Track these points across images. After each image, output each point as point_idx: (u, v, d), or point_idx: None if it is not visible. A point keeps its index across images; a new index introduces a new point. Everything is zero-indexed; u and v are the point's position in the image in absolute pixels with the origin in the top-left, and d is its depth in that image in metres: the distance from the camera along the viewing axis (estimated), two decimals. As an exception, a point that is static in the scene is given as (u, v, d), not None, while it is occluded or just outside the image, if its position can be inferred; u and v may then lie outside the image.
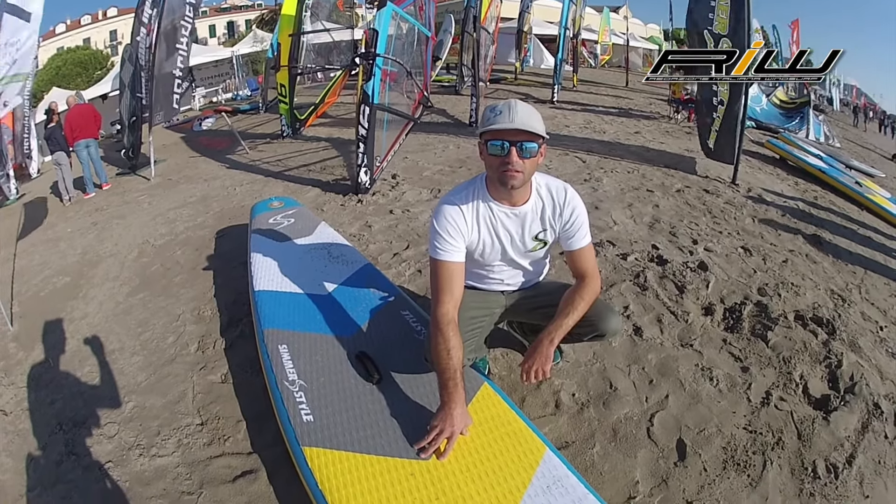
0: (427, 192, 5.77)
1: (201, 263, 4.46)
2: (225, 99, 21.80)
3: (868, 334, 3.26)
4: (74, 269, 4.95)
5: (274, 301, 2.87)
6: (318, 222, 4.12)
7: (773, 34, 21.94)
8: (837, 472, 2.15)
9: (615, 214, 5.04)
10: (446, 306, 1.99)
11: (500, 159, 1.92)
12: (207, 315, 3.58)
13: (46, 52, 36.44)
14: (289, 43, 9.80)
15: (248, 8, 47.53)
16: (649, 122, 11.87)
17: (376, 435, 1.93)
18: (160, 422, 2.59)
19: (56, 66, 35.42)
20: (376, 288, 3.02)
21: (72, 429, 2.63)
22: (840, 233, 5.41)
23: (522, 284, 2.38)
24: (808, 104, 14.01)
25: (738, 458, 2.20)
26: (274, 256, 3.38)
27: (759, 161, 8.52)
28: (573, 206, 2.11)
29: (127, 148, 9.74)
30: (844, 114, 27.99)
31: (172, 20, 8.99)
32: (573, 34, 16.71)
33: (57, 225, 7.07)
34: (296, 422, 2.00)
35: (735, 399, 2.55)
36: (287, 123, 10.16)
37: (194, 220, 5.70)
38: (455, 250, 2.05)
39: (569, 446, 2.26)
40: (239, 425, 2.51)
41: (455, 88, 14.70)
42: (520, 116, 1.88)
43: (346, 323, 2.68)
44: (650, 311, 3.31)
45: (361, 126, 5.54)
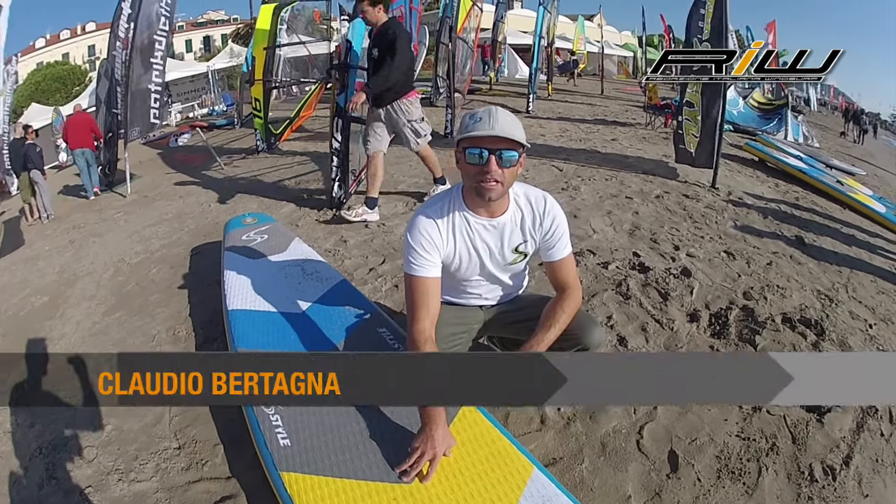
0: (402, 205, 5.70)
1: (176, 282, 4.36)
2: (201, 114, 21.63)
3: (857, 333, 3.25)
4: (52, 289, 4.86)
5: (247, 321, 2.79)
6: (293, 238, 4.03)
7: (747, 36, 22.38)
8: (835, 473, 2.11)
9: (594, 222, 5.00)
10: (422, 324, 1.91)
11: (479, 168, 1.83)
12: (182, 335, 3.48)
13: (26, 68, 36.31)
14: (263, 56, 9.76)
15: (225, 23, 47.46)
16: (626, 128, 11.92)
17: (356, 458, 1.85)
18: (138, 445, 2.50)
19: (35, 81, 35.22)
20: (352, 305, 2.94)
21: (51, 452, 2.54)
22: (824, 232, 5.42)
23: (501, 298, 2.30)
24: (786, 105, 14.18)
25: (733, 467, 2.15)
26: (247, 274, 3.29)
27: (738, 164, 8.56)
28: (553, 216, 2.04)
29: (103, 164, 9.62)
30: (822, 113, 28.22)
31: (148, 34, 8.89)
32: (548, 43, 16.79)
33: (36, 243, 7.02)
34: (273, 446, 1.91)
35: (726, 406, 2.48)
36: (262, 138, 10.07)
37: (170, 237, 5.60)
38: (430, 265, 1.97)
39: (556, 463, 2.18)
40: (216, 449, 2.41)
41: (430, 100, 14.68)
42: (500, 124, 1.80)
43: (321, 342, 2.60)
44: (634, 319, 3.25)
45: (335, 139, 5.44)
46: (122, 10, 9.51)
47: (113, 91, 9.81)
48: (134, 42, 8.71)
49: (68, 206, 9.10)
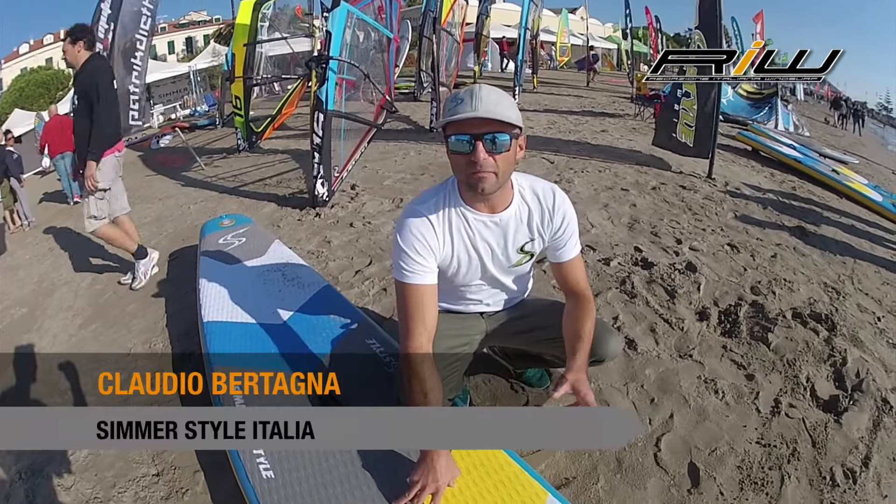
0: (389, 203, 5.55)
1: (153, 290, 4.17)
2: (183, 115, 21.35)
3: (867, 326, 3.14)
4: (31, 300, 4.68)
5: (224, 334, 2.58)
6: (272, 240, 3.83)
7: (733, 27, 22.46)
8: (855, 476, 2.03)
9: (591, 216, 4.85)
10: (419, 339, 1.66)
11: (466, 158, 1.57)
12: (159, 348, 3.29)
13: (11, 73, 35.87)
14: (243, 53, 9.53)
15: (207, 23, 46.92)
16: (615, 120, 11.87)
17: (348, 492, 1.64)
18: (115, 472, 2.32)
19: (19, 87, 34.59)
20: (337, 314, 2.70)
21: (30, 477, 2.38)
22: (824, 223, 5.35)
23: (505, 304, 2.06)
24: (776, 95, 14.08)
25: (755, 477, 2.02)
26: (224, 282, 3.08)
27: (731, 154, 8.50)
28: (564, 211, 1.81)
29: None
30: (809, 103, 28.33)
31: (130, 35, 8.68)
32: (532, 35, 16.69)
33: (17, 251, 6.85)
34: (255, 479, 1.70)
35: (744, 411, 2.36)
36: (243, 137, 9.87)
37: (147, 242, 5.33)
38: (425, 271, 1.71)
39: (570, 484, 2.00)
40: (197, 476, 2.23)
41: (414, 95, 14.53)
42: (484, 103, 1.52)
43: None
44: (642, 320, 3.09)
45: (316, 135, 5.25)
46: (101, 10, 9.27)
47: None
48: (114, 43, 8.47)
49: (49, 212, 8.91)
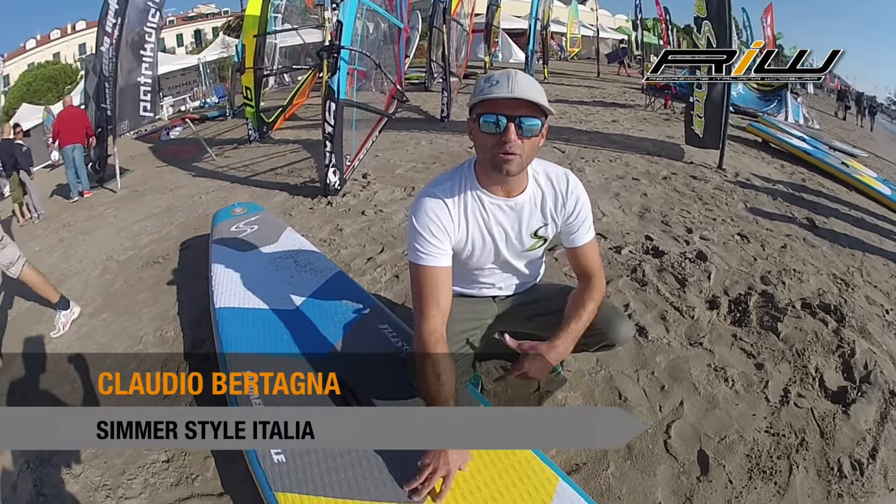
0: (400, 191, 5.55)
1: (165, 278, 4.19)
2: (193, 107, 21.41)
3: (875, 319, 3.12)
4: (41, 290, 4.69)
5: (236, 320, 2.58)
6: (284, 228, 3.82)
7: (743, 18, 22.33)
8: (862, 468, 2.02)
9: (602, 205, 4.85)
10: (433, 321, 1.66)
11: (495, 138, 1.57)
12: (170, 336, 3.30)
13: (18, 69, 35.96)
14: (254, 44, 9.54)
15: (215, 16, 46.93)
16: (625, 110, 11.82)
17: (359, 476, 1.65)
18: (124, 459, 2.32)
19: (27, 82, 34.76)
20: (349, 299, 2.70)
21: (38, 467, 2.39)
22: (833, 214, 5.31)
23: (517, 288, 2.05)
24: (786, 87, 13.95)
25: (764, 466, 2.02)
26: (236, 269, 3.08)
27: (741, 145, 8.45)
28: (577, 196, 1.81)
29: (94, 160, 9.44)
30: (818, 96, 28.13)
31: (138, 28, 8.72)
32: (542, 26, 16.63)
33: (27, 243, 6.77)
34: (266, 463, 1.71)
35: (753, 400, 2.36)
36: (254, 127, 9.89)
37: (159, 232, 5.45)
38: (440, 253, 1.72)
39: (580, 470, 2.01)
40: (207, 462, 2.24)
41: (424, 85, 14.51)
42: (521, 86, 1.53)
43: (316, 341, 2.39)
44: (652, 308, 3.08)
45: (328, 123, 5.27)
46: (108, 5, 9.31)
47: (101, 86, 9.59)
48: (122, 36, 8.52)
49: (59, 205, 8.94)
